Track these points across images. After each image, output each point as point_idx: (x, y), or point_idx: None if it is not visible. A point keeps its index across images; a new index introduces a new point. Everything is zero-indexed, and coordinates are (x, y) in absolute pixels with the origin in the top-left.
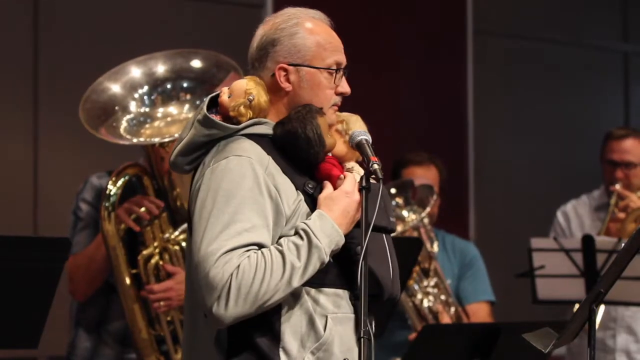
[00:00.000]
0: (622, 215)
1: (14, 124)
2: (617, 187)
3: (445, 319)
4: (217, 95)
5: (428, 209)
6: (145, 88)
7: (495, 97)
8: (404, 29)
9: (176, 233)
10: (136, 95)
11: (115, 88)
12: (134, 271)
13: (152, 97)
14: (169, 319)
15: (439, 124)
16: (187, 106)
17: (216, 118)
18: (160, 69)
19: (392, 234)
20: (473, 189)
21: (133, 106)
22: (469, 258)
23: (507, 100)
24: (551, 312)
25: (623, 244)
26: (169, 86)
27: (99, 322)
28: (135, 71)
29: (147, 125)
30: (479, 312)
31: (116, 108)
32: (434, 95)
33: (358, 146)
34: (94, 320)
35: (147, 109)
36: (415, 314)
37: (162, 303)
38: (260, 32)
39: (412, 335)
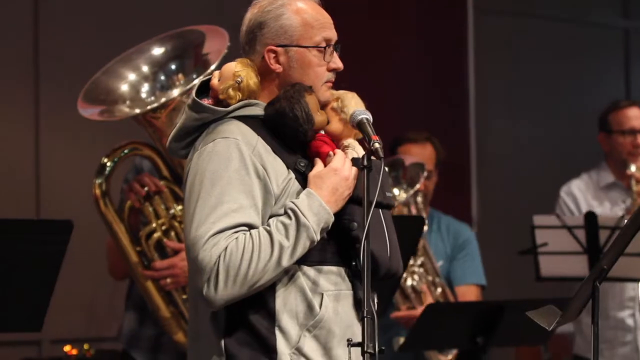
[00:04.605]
0: None
1: (15, 109)
2: (634, 171)
3: (429, 299)
4: (210, 80)
5: (417, 186)
6: (147, 86)
7: (496, 76)
8: (404, 9)
9: (179, 207)
10: (143, 93)
11: (124, 86)
12: (138, 248)
13: (155, 94)
14: (184, 296)
15: (440, 104)
16: (182, 88)
17: (208, 102)
18: (141, 70)
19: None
20: (475, 167)
21: (141, 100)
22: (462, 239)
23: (508, 79)
24: (555, 289)
25: (626, 221)
26: (162, 78)
27: (144, 303)
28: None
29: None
30: (468, 295)
31: (128, 101)
32: (435, 75)
33: (359, 125)
34: (139, 301)
35: (154, 103)
36: (399, 292)
37: (168, 280)
38: (248, 16)
39: (394, 314)
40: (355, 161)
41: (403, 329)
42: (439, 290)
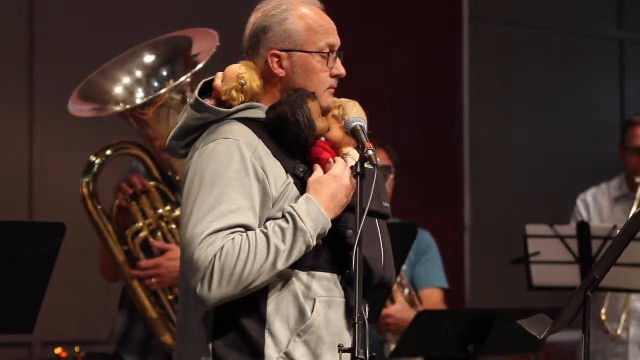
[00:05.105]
0: None
1: (9, 110)
2: None
3: (400, 298)
4: (213, 80)
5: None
6: (141, 91)
7: (490, 84)
8: (400, 15)
9: (168, 208)
10: (137, 99)
11: (117, 89)
12: (125, 248)
13: (149, 97)
14: (170, 297)
15: (434, 110)
16: (174, 91)
17: (210, 102)
18: (135, 75)
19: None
20: (468, 176)
21: (135, 99)
22: (424, 245)
23: (503, 88)
24: (547, 299)
25: (618, 231)
26: (155, 84)
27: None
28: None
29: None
30: (432, 298)
31: (121, 104)
32: (430, 81)
33: (353, 132)
34: (131, 302)
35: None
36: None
37: (153, 280)
38: (252, 20)
39: None
40: (350, 168)
41: (375, 329)
42: (407, 291)
